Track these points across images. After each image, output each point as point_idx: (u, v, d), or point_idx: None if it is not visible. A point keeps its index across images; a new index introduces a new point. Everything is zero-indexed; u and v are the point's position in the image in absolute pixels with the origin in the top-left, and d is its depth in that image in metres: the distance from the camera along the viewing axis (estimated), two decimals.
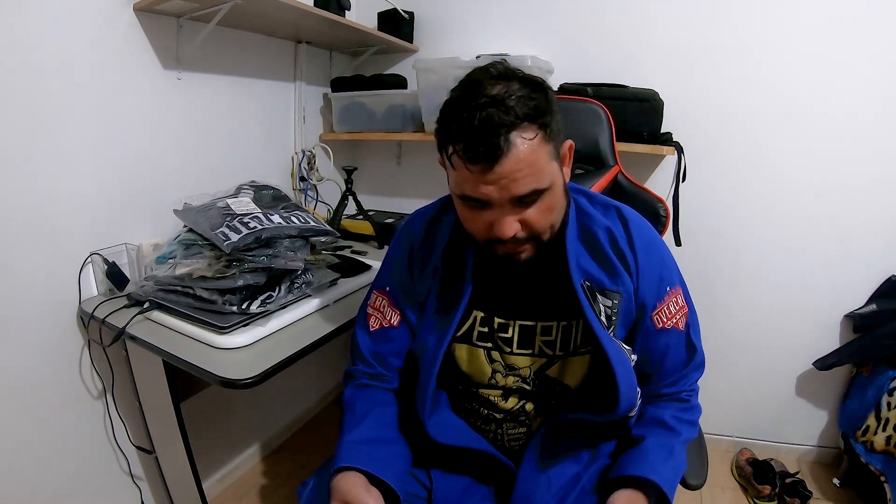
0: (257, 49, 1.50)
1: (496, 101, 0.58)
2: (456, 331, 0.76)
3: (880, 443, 1.31)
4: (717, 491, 1.53)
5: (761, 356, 1.62)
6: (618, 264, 0.74)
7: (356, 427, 0.75)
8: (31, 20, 0.95)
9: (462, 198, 0.66)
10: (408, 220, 0.87)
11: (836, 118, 1.40)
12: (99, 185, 1.11)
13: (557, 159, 0.66)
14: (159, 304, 1.00)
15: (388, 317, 0.82)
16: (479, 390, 0.79)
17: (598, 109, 1.28)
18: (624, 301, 0.74)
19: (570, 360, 0.75)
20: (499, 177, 0.60)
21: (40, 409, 1.06)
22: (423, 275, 0.80)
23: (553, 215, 0.68)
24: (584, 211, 0.76)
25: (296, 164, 1.70)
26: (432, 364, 0.73)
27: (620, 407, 0.68)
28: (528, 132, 0.60)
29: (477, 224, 0.67)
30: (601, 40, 1.56)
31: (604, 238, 0.74)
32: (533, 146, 0.60)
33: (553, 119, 0.63)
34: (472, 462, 0.78)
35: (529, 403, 0.78)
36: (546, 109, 0.61)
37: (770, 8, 1.38)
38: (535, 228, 0.66)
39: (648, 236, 0.77)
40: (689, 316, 0.78)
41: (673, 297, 0.76)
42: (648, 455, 0.71)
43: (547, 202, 0.65)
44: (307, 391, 1.92)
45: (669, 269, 0.77)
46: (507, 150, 0.58)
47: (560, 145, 0.67)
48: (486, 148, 0.58)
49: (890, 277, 1.45)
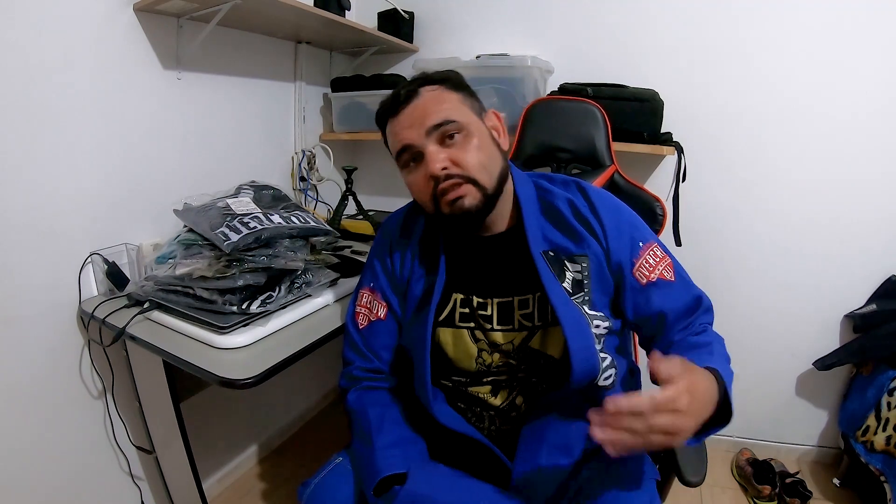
0: (257, 49, 1.50)
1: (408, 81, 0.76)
2: (438, 315, 0.79)
3: (880, 443, 1.31)
4: (717, 491, 1.53)
5: (761, 356, 1.62)
6: (582, 230, 0.77)
7: (379, 432, 0.76)
8: (31, 20, 0.95)
9: (398, 157, 0.76)
10: (383, 222, 0.94)
11: (835, 118, 1.40)
12: (99, 185, 1.11)
13: (475, 112, 0.76)
14: (159, 304, 1.00)
15: (376, 310, 0.86)
16: (469, 388, 0.80)
17: (594, 109, 1.28)
18: (594, 263, 0.76)
19: (551, 329, 0.76)
20: (412, 118, 0.72)
21: (40, 409, 1.06)
22: (403, 261, 0.85)
23: (482, 155, 0.73)
24: (545, 188, 0.82)
25: (296, 164, 1.70)
26: (423, 349, 0.75)
27: (574, 371, 0.68)
28: (431, 86, 0.74)
29: (419, 182, 0.74)
30: (601, 40, 1.56)
31: (565, 209, 0.79)
32: (438, 90, 0.74)
33: (459, 85, 0.76)
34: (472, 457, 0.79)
35: (519, 397, 0.79)
36: (448, 76, 0.76)
37: (770, 8, 1.38)
38: (464, 164, 0.71)
39: (611, 202, 0.81)
40: (674, 266, 0.79)
41: (648, 249, 0.78)
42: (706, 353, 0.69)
43: (472, 142, 0.72)
44: (307, 391, 1.92)
45: (639, 228, 0.80)
46: (415, 93, 0.73)
47: (476, 105, 0.77)
48: (398, 99, 0.74)
49: (890, 277, 1.45)
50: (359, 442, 0.78)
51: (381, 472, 0.70)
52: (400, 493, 0.68)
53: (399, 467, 0.71)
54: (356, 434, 0.80)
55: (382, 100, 0.77)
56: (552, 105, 1.34)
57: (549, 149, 1.33)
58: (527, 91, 1.48)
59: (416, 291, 0.82)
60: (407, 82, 0.76)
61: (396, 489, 0.69)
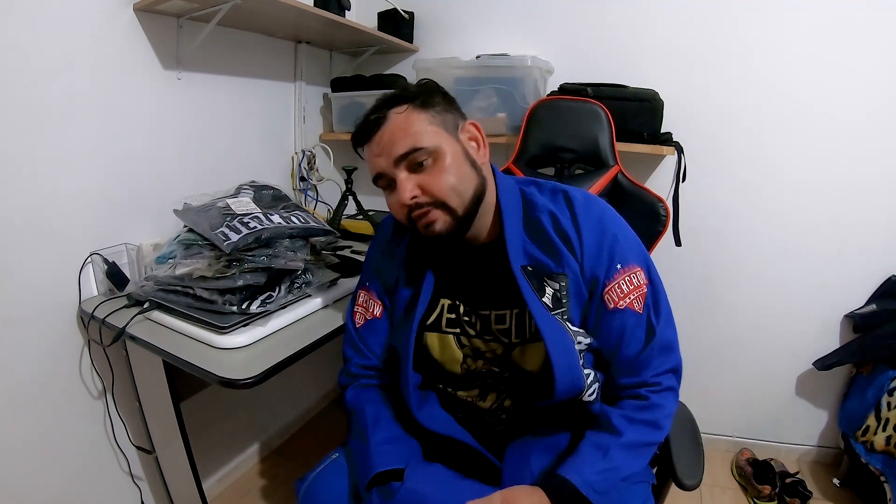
0: (257, 49, 1.50)
1: (378, 102, 0.74)
2: (426, 319, 0.79)
3: (880, 443, 1.31)
4: (717, 491, 1.53)
5: (761, 356, 1.62)
6: (561, 246, 0.75)
7: (375, 429, 0.77)
8: (31, 20, 0.95)
9: (375, 182, 0.76)
10: (380, 222, 0.95)
11: (835, 118, 1.40)
12: (99, 185, 1.11)
13: (445, 130, 0.73)
14: (159, 304, 1.00)
15: (372, 309, 0.87)
16: (458, 392, 0.81)
17: (598, 109, 1.28)
18: (572, 282, 0.74)
19: (529, 346, 0.75)
20: (380, 147, 0.72)
21: (40, 409, 1.06)
22: (392, 264, 0.85)
23: (451, 178, 0.71)
24: (530, 199, 0.79)
25: (296, 164, 1.70)
26: (406, 351, 0.76)
27: (557, 388, 0.68)
28: (399, 107, 0.72)
29: (393, 206, 0.75)
30: (601, 40, 1.56)
31: (546, 222, 0.76)
32: (405, 113, 0.71)
33: (430, 97, 0.74)
34: (461, 457, 0.79)
35: (508, 400, 0.79)
36: (417, 93, 0.74)
37: (770, 8, 1.38)
38: (433, 191, 0.70)
39: (598, 214, 0.76)
40: (647, 297, 0.74)
41: (625, 274, 0.74)
42: (578, 454, 0.69)
43: (441, 166, 0.71)
44: (307, 391, 1.92)
45: (623, 246, 0.75)
46: (382, 120, 0.72)
47: (447, 119, 0.74)
48: (368, 126, 0.73)
49: (890, 277, 1.45)
50: (355, 438, 0.79)
51: (374, 468, 0.71)
52: (399, 490, 0.68)
53: (392, 463, 0.72)
54: (353, 430, 0.81)
55: (357, 122, 0.76)
56: (556, 105, 1.34)
57: (552, 149, 1.33)
58: (527, 91, 1.48)
59: (405, 294, 0.82)
60: (374, 105, 0.74)
61: (395, 486, 0.69)
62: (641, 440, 0.71)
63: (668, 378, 0.75)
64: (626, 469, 0.68)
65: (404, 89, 0.75)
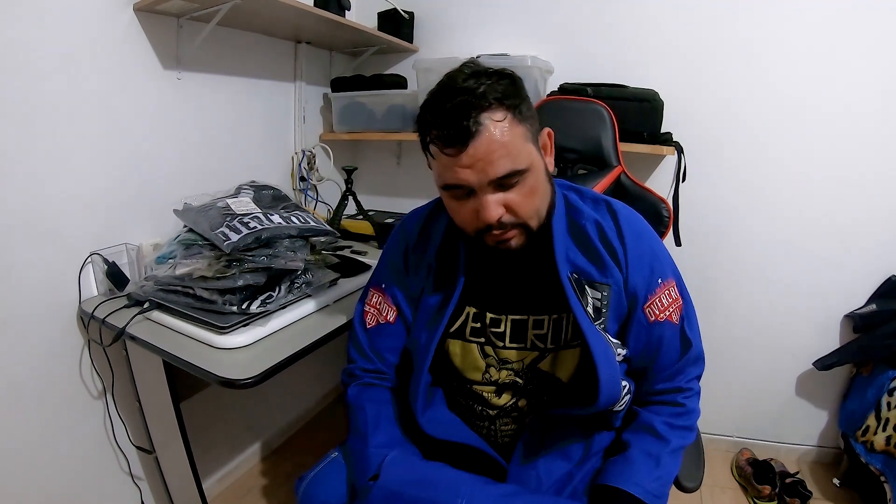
0: (257, 49, 1.50)
1: (466, 91, 0.63)
2: (449, 327, 0.78)
3: (880, 443, 1.31)
4: (717, 491, 1.53)
5: (761, 356, 1.62)
6: (606, 256, 0.74)
7: (375, 430, 0.76)
8: (30, 20, 0.95)
9: (445, 188, 0.68)
10: (403, 219, 0.89)
11: (835, 118, 1.39)
12: (99, 185, 1.11)
13: (534, 143, 0.68)
14: (159, 304, 1.00)
15: (385, 313, 0.84)
16: (473, 386, 0.80)
17: (602, 110, 1.28)
18: (614, 293, 0.74)
19: (562, 353, 0.76)
20: (474, 159, 0.62)
21: (40, 408, 1.06)
22: (417, 273, 0.82)
23: (537, 199, 0.68)
24: (574, 205, 0.78)
25: (296, 164, 1.70)
26: (424, 360, 0.75)
27: (601, 399, 0.68)
28: (497, 114, 0.63)
29: (464, 214, 0.69)
30: (601, 40, 1.56)
31: (592, 231, 0.75)
32: (504, 127, 0.63)
33: (523, 103, 0.66)
34: (464, 458, 0.79)
35: (522, 400, 0.78)
36: (513, 93, 0.65)
37: (771, 7, 1.38)
38: (520, 213, 0.67)
39: (639, 228, 0.77)
40: (683, 309, 0.77)
41: (665, 289, 0.76)
42: (633, 464, 0.71)
43: (529, 185, 0.66)
44: (307, 391, 1.92)
45: (661, 261, 0.77)
46: (477, 131, 0.61)
47: (535, 130, 0.69)
48: (457, 131, 0.61)
49: (890, 277, 1.45)
50: (354, 437, 0.79)
51: (371, 470, 0.71)
52: (373, 489, 0.68)
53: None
54: (352, 429, 0.80)
55: (430, 107, 0.65)
56: (559, 105, 1.33)
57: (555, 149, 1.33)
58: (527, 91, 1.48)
59: (431, 301, 0.79)
60: (463, 101, 0.61)
61: (370, 485, 0.69)
62: (683, 445, 0.75)
63: (697, 383, 0.80)
64: (674, 473, 0.73)
65: (501, 88, 0.64)
